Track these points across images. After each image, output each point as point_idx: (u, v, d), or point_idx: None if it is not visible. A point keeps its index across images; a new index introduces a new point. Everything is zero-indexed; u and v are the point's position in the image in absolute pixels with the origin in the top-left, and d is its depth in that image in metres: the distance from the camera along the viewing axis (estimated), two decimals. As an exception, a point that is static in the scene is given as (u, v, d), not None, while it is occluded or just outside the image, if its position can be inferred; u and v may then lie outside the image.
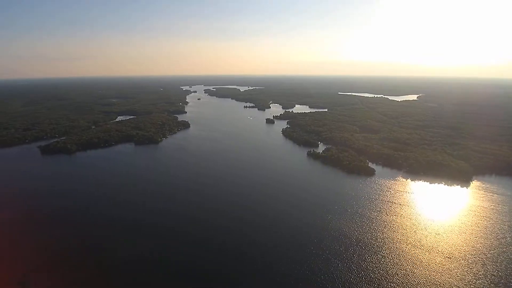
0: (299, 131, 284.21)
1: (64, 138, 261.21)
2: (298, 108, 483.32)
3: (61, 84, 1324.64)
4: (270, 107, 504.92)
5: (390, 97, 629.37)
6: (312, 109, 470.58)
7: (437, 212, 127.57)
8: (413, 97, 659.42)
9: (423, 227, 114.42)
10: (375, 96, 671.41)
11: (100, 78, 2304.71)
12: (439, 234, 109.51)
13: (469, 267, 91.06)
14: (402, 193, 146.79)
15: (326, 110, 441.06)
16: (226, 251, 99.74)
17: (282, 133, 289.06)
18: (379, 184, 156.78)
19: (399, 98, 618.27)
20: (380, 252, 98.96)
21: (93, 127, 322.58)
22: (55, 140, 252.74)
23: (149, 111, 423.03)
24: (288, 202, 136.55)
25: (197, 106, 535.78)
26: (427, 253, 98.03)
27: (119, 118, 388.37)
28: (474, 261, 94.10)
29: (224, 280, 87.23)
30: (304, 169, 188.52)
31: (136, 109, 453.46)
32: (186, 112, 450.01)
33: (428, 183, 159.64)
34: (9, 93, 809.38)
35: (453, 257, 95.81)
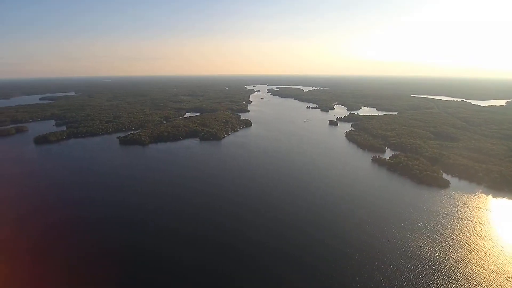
0: (364, 135, 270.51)
1: (139, 130, 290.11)
2: (365, 111, 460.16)
3: (140, 82, 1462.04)
4: (334, 108, 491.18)
5: (473, 102, 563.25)
6: (380, 111, 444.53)
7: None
8: (501, 102, 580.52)
9: (506, 251, 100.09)
10: (455, 99, 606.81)
11: (174, 77, 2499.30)
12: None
13: None
14: (481, 210, 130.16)
15: (396, 113, 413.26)
16: (279, 258, 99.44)
17: (346, 136, 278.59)
18: (454, 198, 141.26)
19: (483, 103, 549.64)
20: (453, 274, 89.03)
21: (164, 122, 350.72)
22: (132, 132, 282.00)
23: (214, 109, 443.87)
24: (349, 211, 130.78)
25: (259, 106, 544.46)
26: (509, 282, 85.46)
27: (187, 114, 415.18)
28: None
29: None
30: (368, 176, 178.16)
31: (203, 106, 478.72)
32: (248, 111, 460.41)
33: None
34: (95, 89, 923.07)
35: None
